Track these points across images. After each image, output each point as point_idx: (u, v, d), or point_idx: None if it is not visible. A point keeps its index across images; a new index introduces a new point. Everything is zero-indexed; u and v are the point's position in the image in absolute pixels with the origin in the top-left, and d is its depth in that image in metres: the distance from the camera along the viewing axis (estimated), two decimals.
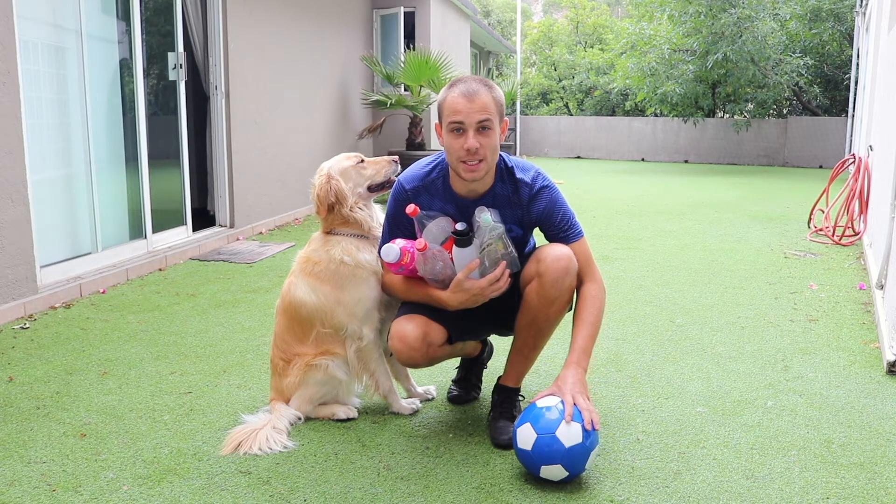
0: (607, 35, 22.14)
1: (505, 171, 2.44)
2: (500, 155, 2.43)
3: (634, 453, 2.41)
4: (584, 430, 2.14)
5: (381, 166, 2.68)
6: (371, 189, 2.66)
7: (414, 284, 2.43)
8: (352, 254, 2.55)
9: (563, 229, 2.43)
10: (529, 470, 2.22)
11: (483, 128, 2.27)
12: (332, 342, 2.60)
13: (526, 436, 2.17)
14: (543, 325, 2.40)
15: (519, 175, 2.43)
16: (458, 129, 2.28)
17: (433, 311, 2.42)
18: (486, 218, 2.26)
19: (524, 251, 2.54)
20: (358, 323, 2.57)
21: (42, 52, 4.42)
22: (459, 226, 2.27)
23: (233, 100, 6.31)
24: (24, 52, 4.06)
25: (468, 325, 2.54)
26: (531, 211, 2.43)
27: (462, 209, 2.41)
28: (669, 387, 2.98)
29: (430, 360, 2.48)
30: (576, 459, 2.15)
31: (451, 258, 2.31)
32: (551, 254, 2.35)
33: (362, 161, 2.67)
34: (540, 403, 2.22)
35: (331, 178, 2.57)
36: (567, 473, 2.15)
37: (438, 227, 2.34)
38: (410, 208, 2.30)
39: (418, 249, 2.25)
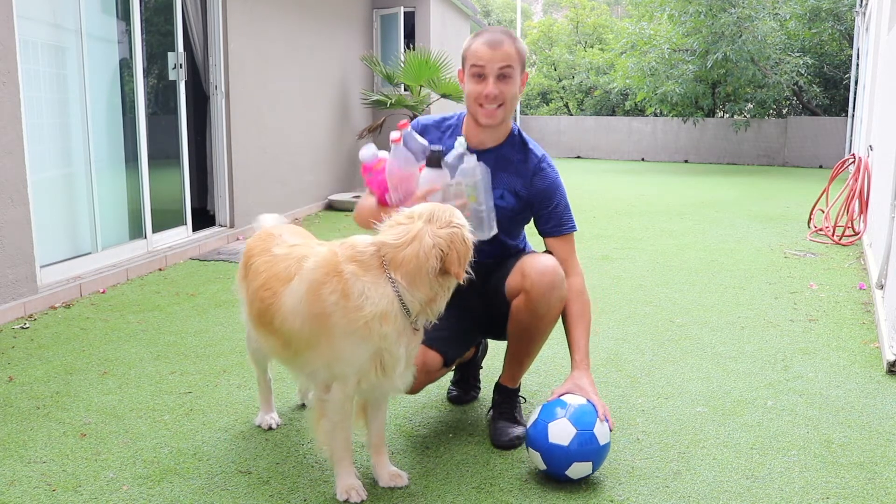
0: (607, 35, 22.14)
1: (518, 138, 2.47)
2: (517, 127, 2.48)
3: (634, 453, 2.41)
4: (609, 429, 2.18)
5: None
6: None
7: (376, 207, 2.32)
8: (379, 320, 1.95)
9: (560, 216, 2.44)
10: (554, 466, 2.15)
11: (503, 75, 2.32)
12: None
13: (563, 431, 2.13)
14: (535, 334, 2.41)
15: (531, 146, 2.47)
16: (480, 74, 2.32)
17: (428, 339, 2.27)
18: (470, 160, 2.21)
19: (514, 231, 2.51)
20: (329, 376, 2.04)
21: (42, 52, 4.42)
22: (435, 146, 2.25)
23: (233, 100, 6.31)
24: (24, 52, 4.05)
25: (463, 341, 2.53)
26: (533, 184, 2.43)
27: None
28: (669, 387, 2.98)
29: (428, 384, 2.48)
30: (602, 457, 2.18)
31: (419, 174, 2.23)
32: (536, 268, 2.32)
33: None
34: (568, 400, 2.20)
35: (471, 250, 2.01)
36: (590, 472, 2.17)
37: (419, 144, 2.28)
38: (402, 122, 2.26)
39: (393, 141, 2.21)
